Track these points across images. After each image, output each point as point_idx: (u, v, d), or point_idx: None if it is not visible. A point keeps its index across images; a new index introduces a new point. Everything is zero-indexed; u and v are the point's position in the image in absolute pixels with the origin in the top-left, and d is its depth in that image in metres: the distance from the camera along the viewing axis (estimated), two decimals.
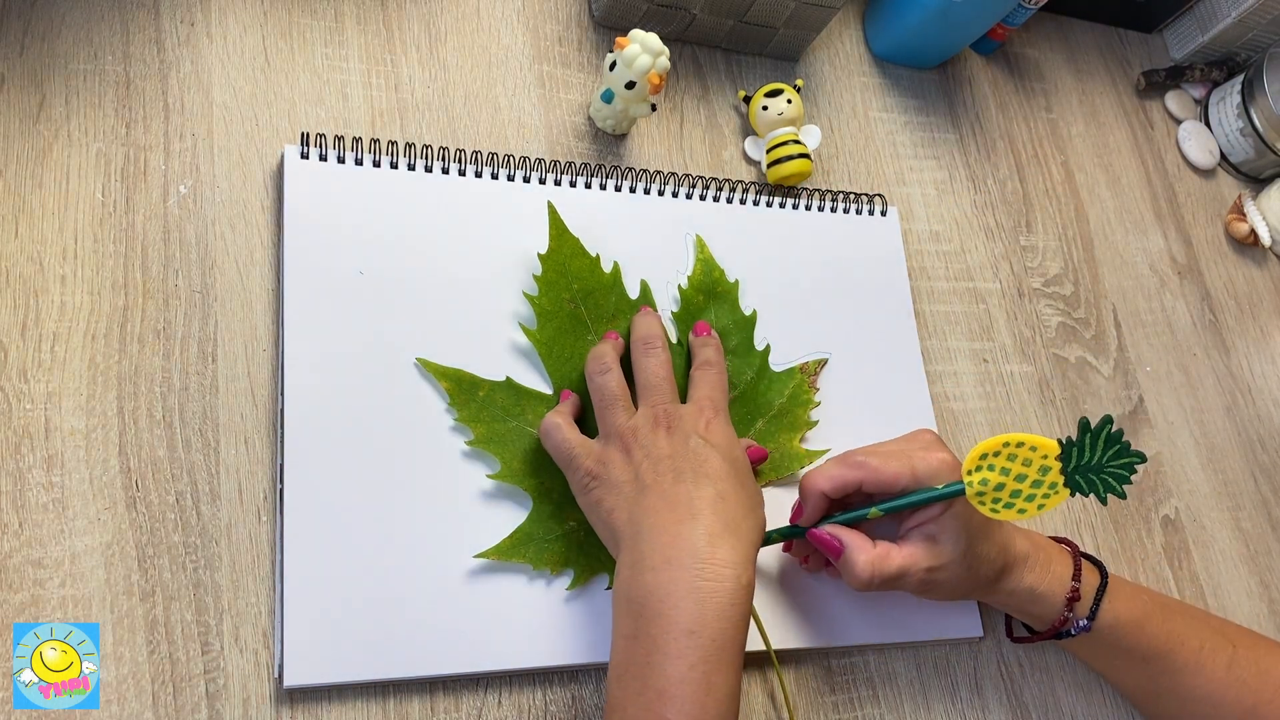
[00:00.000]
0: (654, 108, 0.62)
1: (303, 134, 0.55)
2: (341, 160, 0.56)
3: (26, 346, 0.48)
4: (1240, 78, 0.86)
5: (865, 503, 0.52)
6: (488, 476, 0.53)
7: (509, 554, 0.51)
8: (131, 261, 0.51)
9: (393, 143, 0.58)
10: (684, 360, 0.58)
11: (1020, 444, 0.48)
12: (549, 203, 0.58)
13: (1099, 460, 0.47)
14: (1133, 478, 0.47)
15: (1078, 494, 0.47)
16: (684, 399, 0.55)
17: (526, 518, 0.52)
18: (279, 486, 0.49)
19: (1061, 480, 0.47)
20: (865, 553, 0.50)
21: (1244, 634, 0.58)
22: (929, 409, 0.65)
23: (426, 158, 0.58)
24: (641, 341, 0.54)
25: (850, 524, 0.52)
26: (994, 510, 0.49)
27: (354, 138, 0.57)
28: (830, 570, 0.56)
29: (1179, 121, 0.89)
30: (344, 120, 0.58)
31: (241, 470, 0.50)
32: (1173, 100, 0.89)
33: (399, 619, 0.49)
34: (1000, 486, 0.48)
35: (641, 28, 0.59)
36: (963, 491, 0.49)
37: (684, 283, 0.61)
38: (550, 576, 0.52)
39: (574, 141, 0.64)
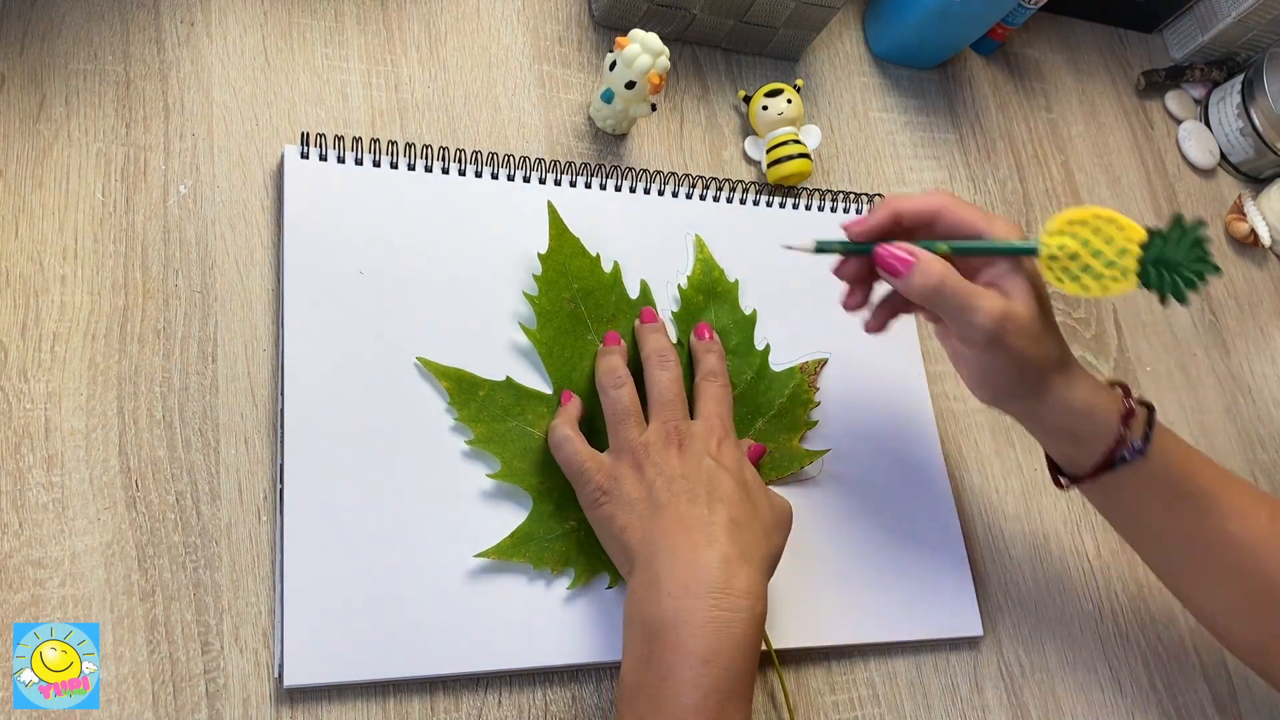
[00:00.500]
0: (654, 108, 0.62)
1: (303, 134, 0.55)
2: (341, 160, 0.56)
3: (26, 346, 0.48)
4: (1240, 78, 0.86)
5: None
6: (488, 476, 0.53)
7: (509, 553, 0.51)
8: (131, 261, 0.51)
9: (393, 143, 0.58)
10: (685, 358, 0.58)
11: (1110, 220, 0.46)
12: (549, 203, 0.58)
13: (1179, 259, 0.45)
14: (1201, 286, 0.45)
15: (1145, 286, 0.45)
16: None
17: (527, 517, 0.52)
18: (279, 486, 0.49)
19: (1135, 266, 0.46)
20: (939, 263, 0.48)
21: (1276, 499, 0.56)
22: (929, 409, 0.65)
23: (426, 158, 0.58)
24: (656, 355, 0.54)
25: None
26: (1059, 279, 0.47)
27: (354, 138, 0.57)
28: (865, 305, 0.54)
29: (1179, 121, 0.89)
30: (344, 120, 0.58)
31: (241, 470, 0.50)
32: (1173, 100, 0.89)
33: (399, 619, 0.49)
34: (1074, 257, 0.47)
35: (641, 28, 0.59)
36: (1037, 250, 0.47)
37: (684, 283, 0.61)
38: (550, 576, 0.52)
39: (574, 141, 0.64)
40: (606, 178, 0.62)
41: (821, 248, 0.52)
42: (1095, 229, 0.47)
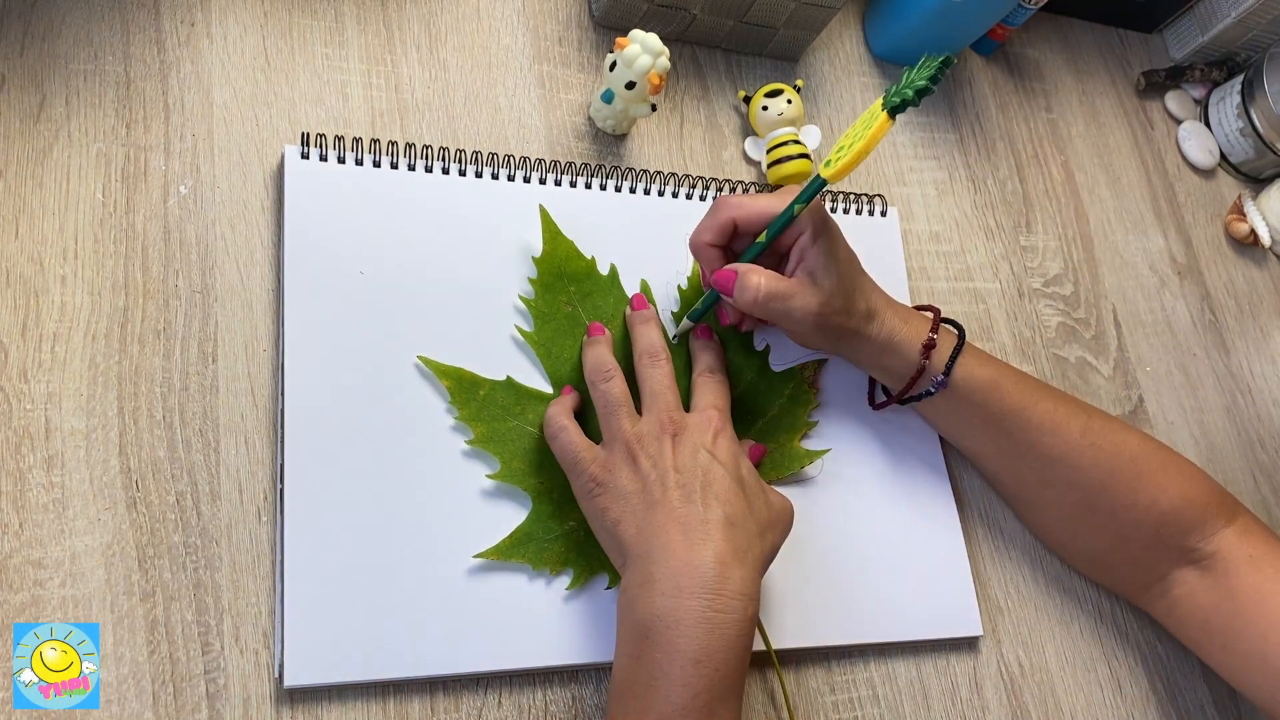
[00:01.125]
0: (654, 108, 0.62)
1: (303, 134, 0.55)
2: (341, 160, 0.56)
3: (26, 346, 0.48)
4: (1240, 78, 0.86)
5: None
6: (487, 476, 0.53)
7: (508, 554, 0.51)
8: (131, 262, 0.51)
9: (393, 143, 0.58)
10: (683, 362, 0.58)
11: (866, 111, 0.49)
12: (540, 206, 0.58)
13: (910, 79, 0.47)
14: (938, 74, 0.46)
15: (893, 112, 0.47)
16: (684, 403, 0.55)
17: (526, 518, 0.52)
18: (279, 486, 0.49)
19: (880, 107, 0.47)
20: (756, 274, 0.53)
21: (1099, 410, 0.60)
22: None
23: (426, 158, 0.58)
24: (646, 354, 0.54)
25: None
26: (830, 165, 0.49)
27: (354, 138, 0.57)
28: (753, 322, 0.58)
29: (1179, 121, 0.89)
30: (344, 120, 0.58)
31: (241, 470, 0.50)
32: (1173, 100, 0.89)
33: (399, 619, 0.49)
34: (842, 148, 0.50)
35: (641, 28, 0.59)
36: (821, 178, 0.50)
37: (684, 283, 0.61)
38: (550, 576, 0.52)
39: (574, 141, 0.64)
40: (607, 178, 0.62)
41: (694, 315, 0.57)
42: (855, 123, 0.50)
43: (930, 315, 0.58)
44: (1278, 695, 0.54)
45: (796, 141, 0.66)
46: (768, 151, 0.67)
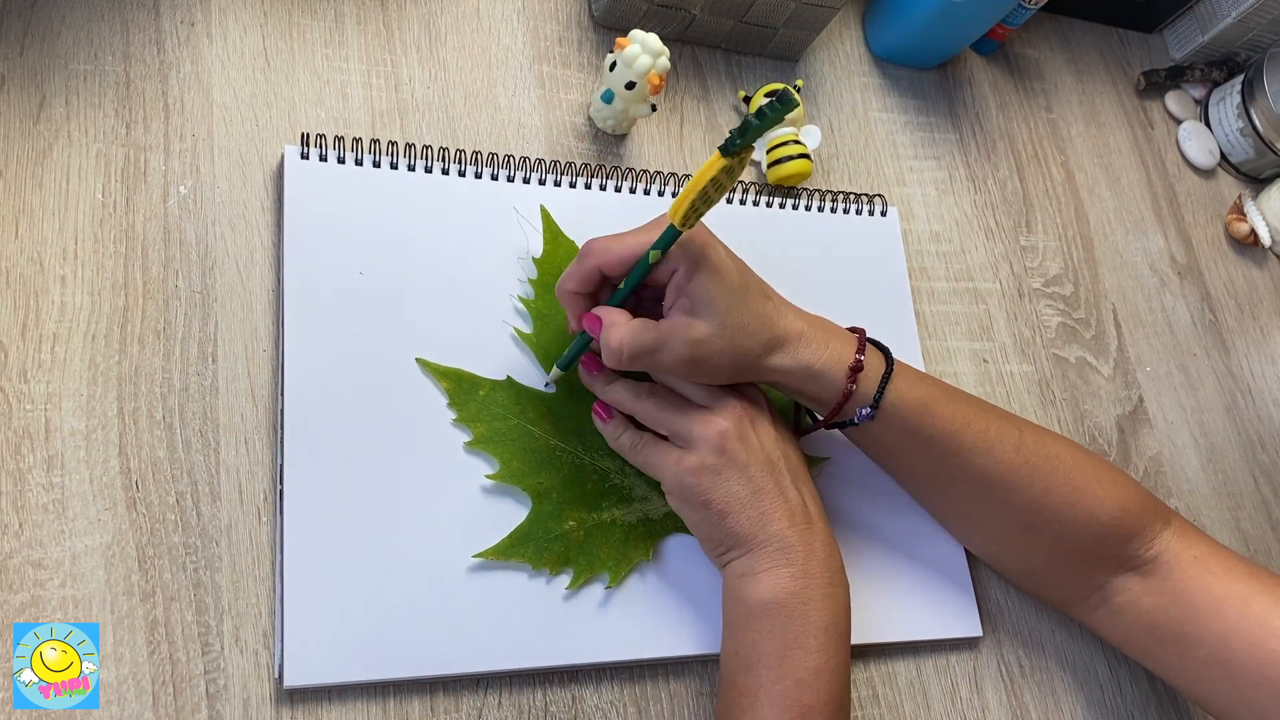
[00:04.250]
0: (654, 108, 0.62)
1: (303, 134, 0.55)
2: (341, 160, 0.56)
3: (26, 347, 0.48)
4: (1240, 78, 0.86)
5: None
6: (486, 477, 0.53)
7: (507, 554, 0.51)
8: (131, 262, 0.51)
9: (393, 143, 0.58)
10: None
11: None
12: (541, 206, 0.58)
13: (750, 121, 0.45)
14: (771, 111, 0.43)
15: (729, 151, 0.44)
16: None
17: (525, 518, 0.52)
18: (279, 486, 0.49)
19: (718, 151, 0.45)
20: (618, 328, 0.50)
21: (1029, 423, 0.58)
22: None
23: (426, 158, 0.58)
24: (630, 406, 0.53)
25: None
26: (687, 223, 0.47)
27: (354, 138, 0.57)
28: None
29: (1179, 121, 0.89)
30: (344, 120, 0.58)
31: (241, 470, 0.50)
32: (1173, 100, 0.89)
33: (399, 619, 0.49)
34: (696, 203, 0.47)
35: (641, 28, 0.59)
36: (676, 230, 0.47)
37: None
38: (549, 576, 0.52)
39: (574, 142, 0.64)
40: (606, 178, 0.62)
41: (563, 364, 0.54)
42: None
43: (855, 334, 0.55)
44: (1244, 696, 0.52)
45: (797, 141, 0.66)
46: (768, 151, 0.67)
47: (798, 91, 0.68)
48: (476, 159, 0.59)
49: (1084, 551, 0.57)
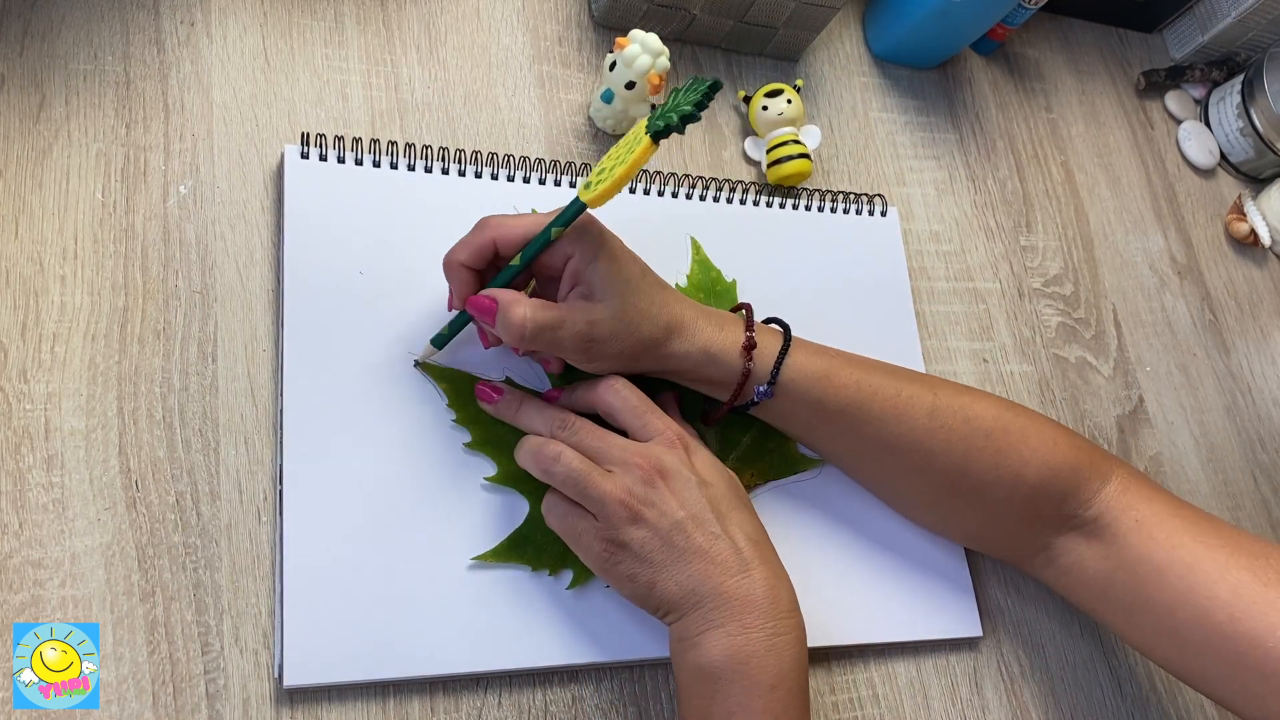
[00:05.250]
0: (654, 108, 0.62)
1: (303, 134, 0.55)
2: (341, 160, 0.56)
3: (26, 346, 0.48)
4: (1240, 78, 0.86)
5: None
6: (485, 479, 0.52)
7: (506, 556, 0.51)
8: (131, 262, 0.51)
9: (393, 143, 0.58)
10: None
11: (629, 133, 0.47)
12: (533, 210, 0.58)
13: (675, 102, 0.45)
14: (703, 99, 0.45)
15: (657, 137, 0.45)
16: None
17: (523, 521, 0.52)
18: (279, 486, 0.49)
19: (644, 128, 0.45)
20: (520, 305, 0.48)
21: (947, 384, 0.56)
22: None
23: (426, 158, 0.58)
24: (555, 428, 0.51)
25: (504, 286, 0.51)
26: (592, 190, 0.46)
27: (354, 138, 0.57)
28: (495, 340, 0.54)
29: (1179, 121, 0.89)
30: (344, 120, 0.58)
31: (241, 470, 0.50)
32: (1173, 100, 0.89)
33: (399, 619, 0.49)
34: (603, 170, 0.47)
35: (641, 28, 0.59)
36: (580, 200, 0.47)
37: (683, 281, 0.61)
38: (549, 576, 0.52)
39: (574, 141, 0.64)
40: None
41: (438, 341, 0.53)
42: (618, 145, 0.48)
43: (743, 314, 0.54)
44: (1192, 666, 0.52)
45: (796, 141, 0.66)
46: (767, 151, 0.67)
47: (798, 91, 0.68)
48: (476, 159, 0.59)
49: (1017, 513, 0.55)
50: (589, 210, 0.48)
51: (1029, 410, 0.57)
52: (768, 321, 0.56)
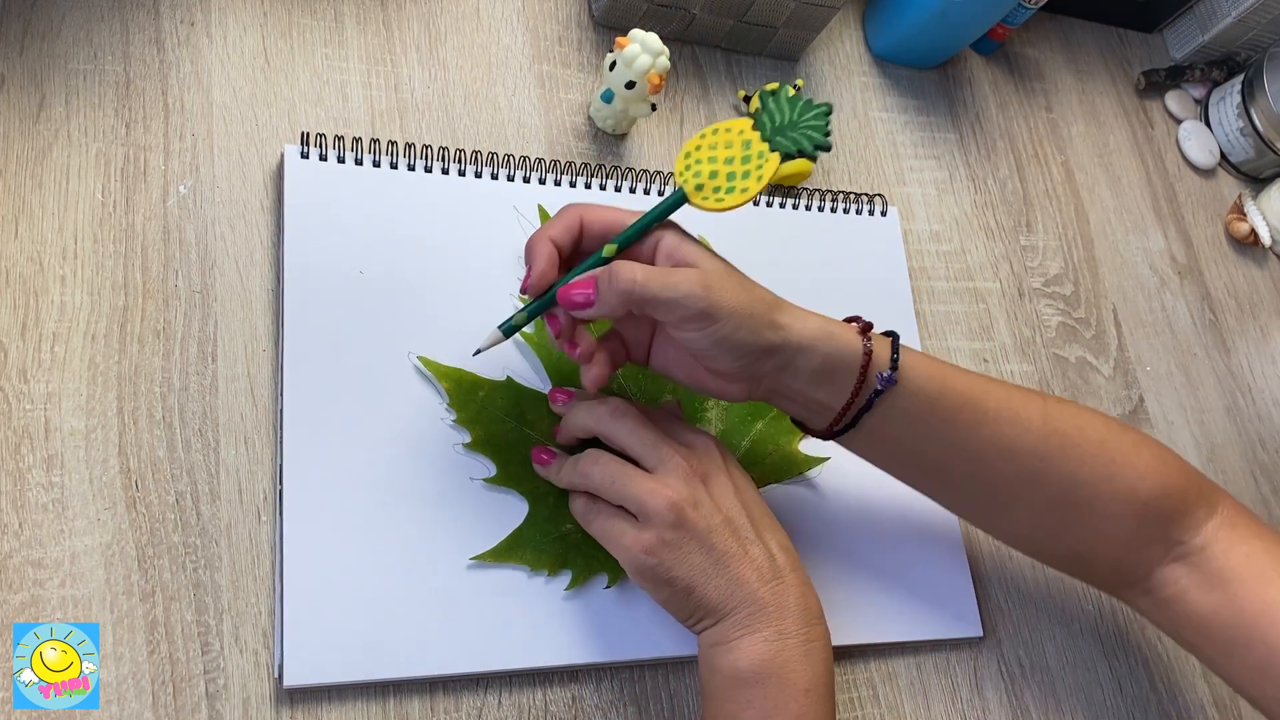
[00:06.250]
0: (654, 108, 0.62)
1: (303, 134, 0.55)
2: (341, 160, 0.56)
3: (26, 346, 0.48)
4: (1240, 78, 0.86)
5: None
6: (484, 480, 0.52)
7: (505, 556, 0.51)
8: (131, 261, 0.51)
9: (393, 143, 0.58)
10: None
11: (716, 130, 0.48)
12: (540, 206, 0.58)
13: (793, 119, 0.47)
14: (826, 136, 0.47)
15: (786, 155, 0.46)
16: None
17: (522, 522, 0.52)
18: (279, 486, 0.49)
19: (767, 147, 0.47)
20: (628, 265, 0.45)
21: (1050, 396, 0.54)
22: None
23: (426, 158, 0.58)
24: (597, 427, 0.50)
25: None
26: (719, 200, 0.47)
27: (354, 138, 0.57)
28: (587, 345, 0.50)
29: (1179, 121, 0.89)
30: (344, 120, 0.58)
31: (241, 470, 0.50)
32: (1173, 100, 0.89)
33: (399, 619, 0.49)
34: (715, 174, 0.47)
35: (641, 27, 0.59)
36: (684, 195, 0.47)
37: None
38: (549, 576, 0.52)
39: (574, 141, 0.64)
40: (606, 178, 0.62)
41: (508, 329, 0.50)
42: (713, 145, 0.48)
43: (830, 318, 0.50)
44: None
45: None
46: None
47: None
48: (476, 159, 0.59)
49: (1127, 532, 0.52)
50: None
51: (1133, 427, 0.55)
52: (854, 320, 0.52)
